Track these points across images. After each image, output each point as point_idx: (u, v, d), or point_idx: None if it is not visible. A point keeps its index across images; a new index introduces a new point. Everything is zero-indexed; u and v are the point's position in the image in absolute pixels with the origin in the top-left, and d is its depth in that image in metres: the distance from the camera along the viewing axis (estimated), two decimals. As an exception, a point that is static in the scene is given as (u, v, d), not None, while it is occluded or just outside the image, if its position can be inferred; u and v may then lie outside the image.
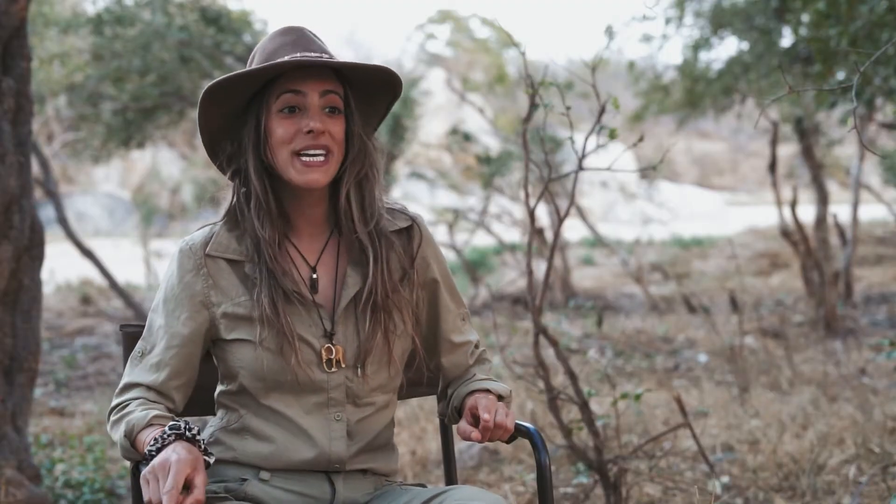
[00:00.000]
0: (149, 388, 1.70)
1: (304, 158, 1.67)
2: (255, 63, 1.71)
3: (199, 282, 1.71)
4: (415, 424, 4.43)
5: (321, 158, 1.68)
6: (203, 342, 1.73)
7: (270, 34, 1.75)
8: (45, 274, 3.65)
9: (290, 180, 1.69)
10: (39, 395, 5.65)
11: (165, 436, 1.54)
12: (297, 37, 1.71)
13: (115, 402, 1.71)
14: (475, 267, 11.23)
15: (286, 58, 1.66)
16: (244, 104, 1.71)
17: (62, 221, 7.42)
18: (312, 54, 1.68)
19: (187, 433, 1.55)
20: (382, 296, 1.72)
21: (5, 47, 3.25)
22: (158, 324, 1.72)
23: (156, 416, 1.63)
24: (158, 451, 1.53)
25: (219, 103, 1.69)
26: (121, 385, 1.72)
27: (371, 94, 1.76)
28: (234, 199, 1.74)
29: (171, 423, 1.56)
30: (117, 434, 1.67)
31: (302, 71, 1.67)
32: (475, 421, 1.70)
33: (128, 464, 2.02)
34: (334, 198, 1.75)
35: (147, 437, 1.59)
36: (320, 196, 1.74)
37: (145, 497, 1.48)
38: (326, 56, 1.69)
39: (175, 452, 1.50)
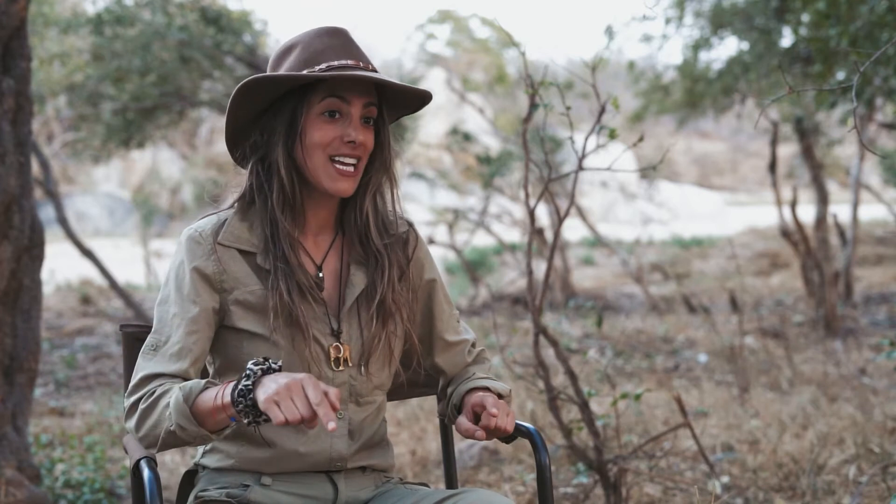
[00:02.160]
0: (173, 377, 1.62)
1: (337, 165, 1.67)
2: (295, 57, 1.68)
3: (211, 265, 1.68)
4: (415, 424, 4.43)
5: (352, 169, 1.68)
6: (217, 323, 1.69)
7: (314, 31, 1.71)
8: (45, 274, 3.65)
9: (319, 183, 1.68)
10: (39, 395, 5.65)
11: (254, 372, 1.47)
12: (344, 41, 1.69)
13: (134, 396, 1.62)
14: (475, 267, 11.23)
15: (335, 62, 1.64)
16: (278, 96, 1.69)
17: (62, 221, 7.42)
18: (360, 63, 1.67)
19: (273, 366, 1.48)
20: (389, 297, 1.74)
21: (5, 47, 3.25)
22: (172, 312, 1.67)
23: (209, 381, 1.55)
24: (254, 383, 1.45)
25: (255, 95, 1.66)
26: (137, 378, 1.63)
27: (398, 104, 1.78)
28: (249, 187, 1.73)
29: (252, 361, 1.49)
30: (154, 416, 1.57)
31: (350, 80, 1.66)
32: (476, 418, 1.71)
33: (128, 463, 2.01)
34: (346, 200, 1.76)
35: (218, 390, 1.50)
36: (335, 198, 1.75)
37: (282, 418, 1.39)
38: (371, 68, 1.69)
39: (290, 377, 1.43)
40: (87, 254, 7.66)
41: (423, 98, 1.75)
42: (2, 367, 3.27)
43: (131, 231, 20.58)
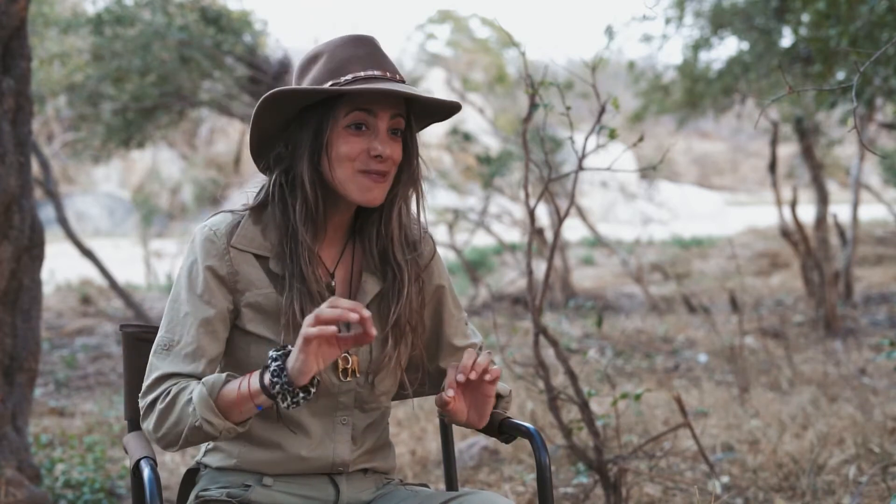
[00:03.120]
0: (189, 377, 1.61)
1: (367, 176, 1.64)
2: (320, 67, 1.64)
3: (225, 267, 1.66)
4: (415, 424, 4.43)
5: (382, 177, 1.65)
6: (230, 324, 1.68)
7: (340, 39, 1.67)
8: (45, 274, 3.65)
9: (347, 195, 1.65)
10: (39, 395, 5.65)
11: (279, 355, 1.52)
12: (371, 50, 1.65)
13: (150, 396, 1.61)
14: (475, 267, 11.22)
15: (361, 73, 1.61)
16: (303, 107, 1.65)
17: (62, 221, 7.42)
18: (387, 74, 1.63)
19: (291, 349, 1.52)
20: (404, 317, 1.72)
21: (5, 47, 3.25)
22: (185, 311, 1.65)
23: (229, 374, 1.57)
24: (283, 363, 1.51)
25: (278, 106, 1.63)
26: (151, 379, 1.62)
27: (425, 114, 1.74)
28: (268, 194, 1.70)
29: (273, 349, 1.53)
30: (174, 414, 1.57)
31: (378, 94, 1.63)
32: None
33: (128, 463, 2.01)
34: (360, 207, 1.73)
35: (242, 381, 1.53)
36: (352, 206, 1.72)
37: (314, 330, 1.44)
38: (399, 78, 1.65)
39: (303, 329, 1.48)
40: (87, 254, 7.66)
41: (451, 109, 1.72)
42: (2, 367, 3.27)
43: (131, 231, 20.58)
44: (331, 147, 1.64)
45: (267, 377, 1.51)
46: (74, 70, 7.50)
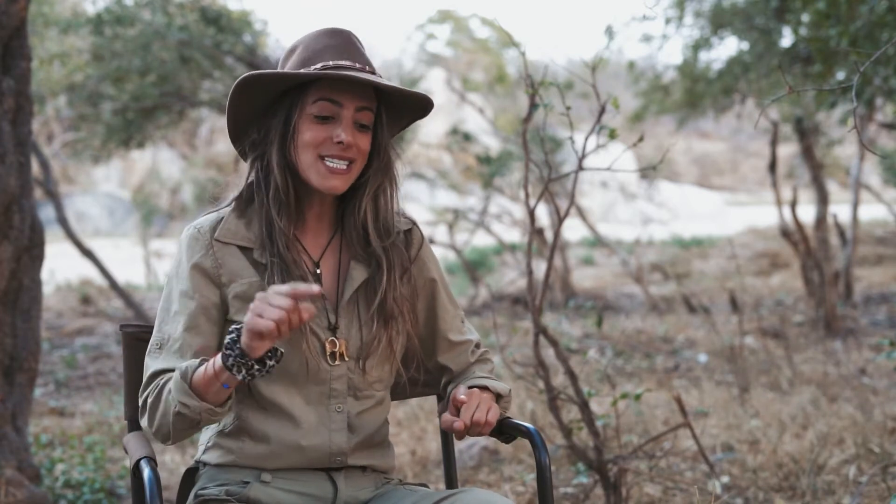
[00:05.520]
0: None
1: (328, 163, 1.68)
2: (295, 57, 1.70)
3: (209, 261, 1.70)
4: (415, 424, 4.43)
5: (344, 166, 1.69)
6: (220, 317, 1.71)
7: (316, 32, 1.73)
8: (45, 274, 3.65)
9: (309, 181, 1.70)
10: (39, 395, 5.64)
11: (235, 329, 1.51)
12: (343, 42, 1.70)
13: (144, 395, 1.65)
14: (475, 267, 11.22)
15: (331, 62, 1.66)
16: (276, 96, 1.70)
17: (62, 221, 7.41)
18: (356, 65, 1.68)
19: None
20: (390, 298, 1.74)
21: (5, 47, 3.25)
22: (174, 310, 1.70)
23: (204, 358, 1.58)
24: (238, 335, 1.50)
25: (251, 93, 1.68)
26: (146, 378, 1.67)
27: (400, 109, 1.78)
28: (248, 185, 1.75)
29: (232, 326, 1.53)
30: (161, 405, 1.60)
31: (343, 82, 1.67)
32: (458, 413, 1.71)
33: (128, 463, 2.01)
34: (345, 198, 1.77)
35: (211, 360, 1.54)
36: (331, 196, 1.76)
37: (271, 324, 1.43)
38: (369, 69, 1.69)
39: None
40: (87, 254, 7.66)
41: (424, 104, 1.75)
42: (2, 367, 3.27)
43: (131, 231, 20.58)
44: (297, 133, 1.68)
45: (224, 350, 1.52)
46: (74, 70, 7.50)
